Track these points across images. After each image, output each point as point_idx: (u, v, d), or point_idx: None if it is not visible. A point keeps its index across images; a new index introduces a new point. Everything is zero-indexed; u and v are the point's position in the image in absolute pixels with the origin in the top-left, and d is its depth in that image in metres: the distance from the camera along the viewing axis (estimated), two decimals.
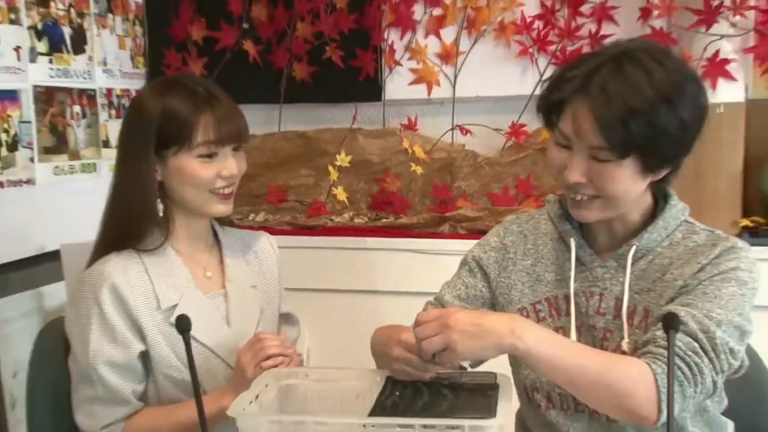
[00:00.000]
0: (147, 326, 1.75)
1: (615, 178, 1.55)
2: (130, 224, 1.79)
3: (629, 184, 1.57)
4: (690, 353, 1.48)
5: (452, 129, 3.14)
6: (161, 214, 1.81)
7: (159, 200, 1.80)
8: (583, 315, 1.67)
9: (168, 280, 1.79)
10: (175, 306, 1.77)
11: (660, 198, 1.68)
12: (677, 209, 1.67)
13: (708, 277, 1.57)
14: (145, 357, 1.77)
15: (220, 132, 1.75)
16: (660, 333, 1.49)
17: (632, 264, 1.64)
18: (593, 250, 1.69)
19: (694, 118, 1.55)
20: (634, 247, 1.64)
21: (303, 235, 3.06)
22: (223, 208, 1.82)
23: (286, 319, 2.01)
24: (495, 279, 1.78)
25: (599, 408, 1.58)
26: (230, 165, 1.79)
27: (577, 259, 1.69)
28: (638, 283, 1.64)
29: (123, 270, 1.76)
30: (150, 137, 1.75)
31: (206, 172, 1.77)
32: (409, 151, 3.11)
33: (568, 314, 1.67)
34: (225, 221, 1.97)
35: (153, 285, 1.77)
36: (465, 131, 3.12)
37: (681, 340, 1.48)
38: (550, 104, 1.60)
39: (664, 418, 1.45)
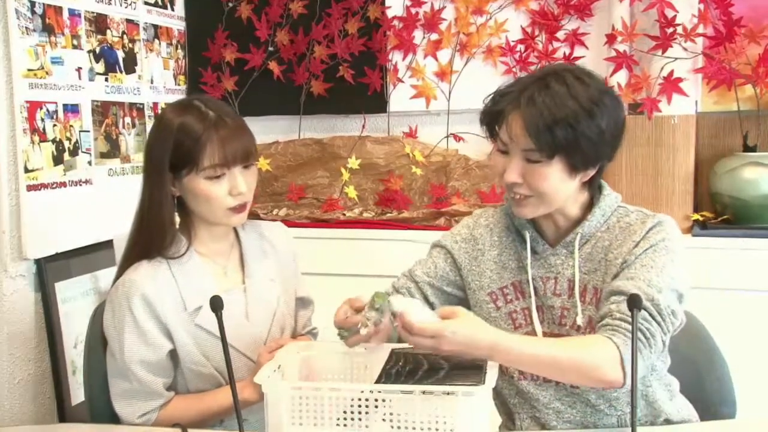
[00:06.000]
0: (174, 327, 1.70)
1: (545, 177, 1.55)
2: (152, 235, 1.71)
3: (558, 182, 1.57)
4: (642, 321, 1.49)
5: (447, 137, 3.13)
6: (178, 226, 1.74)
7: (177, 213, 1.74)
8: (542, 297, 1.67)
9: (193, 284, 1.72)
10: (200, 308, 1.70)
11: (596, 192, 1.68)
12: (611, 198, 1.67)
13: (642, 251, 1.57)
14: (173, 354, 1.72)
15: (226, 154, 1.65)
16: (614, 307, 1.51)
17: (579, 249, 1.64)
18: (545, 240, 1.68)
19: (611, 127, 1.55)
20: (578, 235, 1.64)
21: (319, 227, 3.06)
22: (237, 220, 1.73)
23: (301, 302, 1.94)
24: (466, 267, 1.76)
25: (574, 384, 1.59)
26: (239, 183, 1.68)
27: (533, 249, 1.68)
28: (586, 265, 1.64)
29: (152, 278, 1.70)
30: (168, 150, 1.66)
31: (216, 191, 1.67)
32: (410, 155, 3.11)
33: (531, 296, 1.67)
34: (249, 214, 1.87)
35: (179, 289, 1.71)
36: (458, 138, 3.11)
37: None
38: (491, 115, 1.61)
39: (629, 380, 1.45)
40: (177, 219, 1.77)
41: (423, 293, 1.77)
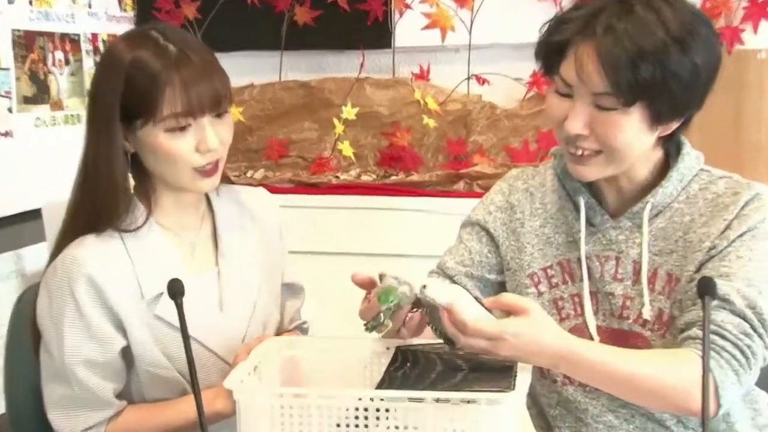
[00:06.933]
0: (129, 319, 1.68)
1: (620, 128, 1.54)
2: (101, 201, 1.69)
3: (634, 136, 1.55)
4: (742, 336, 1.49)
5: (468, 78, 3.13)
6: (133, 191, 1.73)
7: (131, 175, 1.72)
8: (597, 281, 1.67)
9: (153, 265, 1.71)
10: (161, 295, 1.68)
11: (672, 151, 1.67)
12: (691, 158, 1.66)
13: (737, 236, 1.56)
14: (126, 352, 1.70)
15: (190, 99, 1.62)
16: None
17: (649, 223, 1.64)
18: (605, 209, 1.68)
19: (707, 64, 1.54)
20: (649, 204, 1.63)
21: (305, 193, 3.07)
22: (207, 184, 1.71)
23: (289, 289, 1.94)
24: (504, 243, 1.77)
25: (652, 409, 1.61)
26: (209, 138, 1.65)
27: (588, 219, 1.68)
28: (657, 243, 1.64)
29: (101, 256, 1.68)
30: (118, 94, 1.64)
31: (179, 148, 1.65)
32: (421, 102, 3.11)
33: (583, 280, 1.68)
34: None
35: (135, 271, 1.69)
36: (482, 81, 3.10)
37: (731, 322, 1.49)
38: (551, 48, 1.59)
39: (726, 404, 1.48)
40: (132, 182, 1.75)
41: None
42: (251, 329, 1.80)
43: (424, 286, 1.48)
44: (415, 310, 1.55)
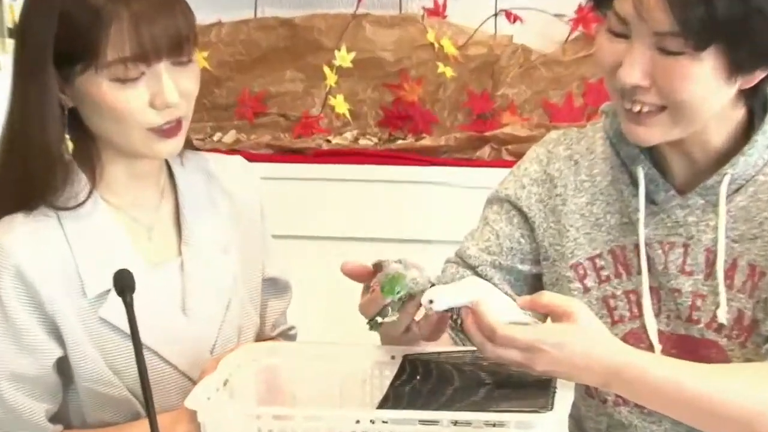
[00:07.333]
0: (66, 322, 1.68)
1: (689, 78, 1.53)
2: (31, 170, 1.69)
3: (707, 88, 1.55)
4: None
5: (495, 15, 3.14)
6: (73, 156, 1.72)
7: (70, 137, 1.71)
8: (660, 274, 1.68)
9: (98, 253, 1.70)
10: (108, 292, 1.67)
11: (757, 110, 1.66)
12: None
13: None
14: (63, 365, 1.71)
15: (142, 42, 1.61)
16: None
17: (727, 201, 1.64)
18: (670, 183, 1.68)
19: None
20: (727, 176, 1.63)
21: (288, 161, 3.09)
22: (166, 148, 1.71)
23: (272, 286, 1.94)
24: (541, 225, 1.78)
25: None
26: (166, 90, 1.64)
27: (649, 196, 1.68)
28: (737, 227, 1.64)
29: (32, 241, 1.67)
30: (51, 33, 1.63)
31: (129, 102, 1.64)
32: (436, 46, 3.12)
33: (641, 272, 1.68)
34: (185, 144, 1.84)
35: (76, 261, 1.69)
36: (513, 18, 3.12)
37: None
38: None
39: None
40: (71, 146, 1.75)
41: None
42: (223, 337, 1.81)
43: (431, 301, 1.48)
44: None
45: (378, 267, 1.55)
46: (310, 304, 1.79)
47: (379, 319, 1.53)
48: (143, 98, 1.65)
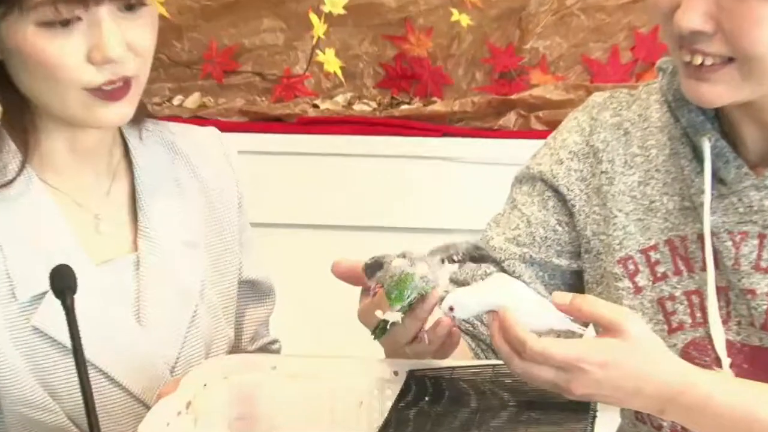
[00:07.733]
0: None
1: (761, 23, 1.53)
2: None
3: None
4: None
5: None
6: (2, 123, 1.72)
7: None
8: (730, 271, 1.68)
9: (31, 246, 1.71)
10: (43, 294, 1.67)
11: None
12: None
13: None
14: None
15: None
16: None
17: None
18: (743, 158, 1.68)
19: None
20: None
21: (266, 131, 3.11)
22: (107, 116, 1.69)
23: (251, 289, 1.96)
24: (583, 209, 1.79)
25: None
26: (106, 40, 1.62)
27: (716, 173, 1.68)
28: None
29: None
30: None
31: (61, 54, 1.63)
32: None
33: (706, 269, 1.68)
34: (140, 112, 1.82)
35: (3, 256, 1.71)
36: None
37: None
38: None
39: None
40: None
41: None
42: (186, 353, 1.82)
43: (452, 308, 1.48)
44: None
45: (376, 266, 1.54)
46: (295, 309, 1.79)
47: (384, 326, 1.51)
48: (80, 50, 1.64)
